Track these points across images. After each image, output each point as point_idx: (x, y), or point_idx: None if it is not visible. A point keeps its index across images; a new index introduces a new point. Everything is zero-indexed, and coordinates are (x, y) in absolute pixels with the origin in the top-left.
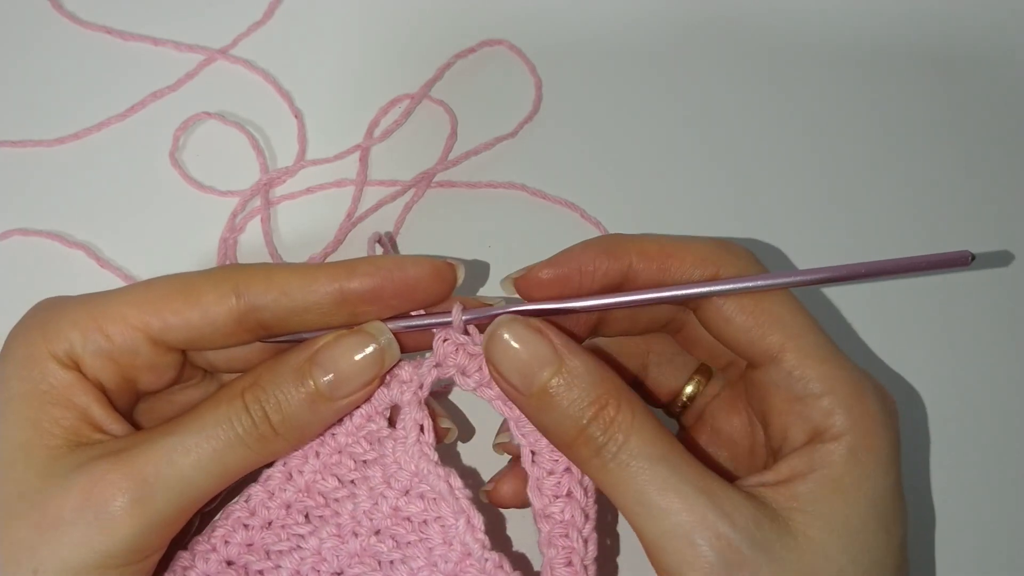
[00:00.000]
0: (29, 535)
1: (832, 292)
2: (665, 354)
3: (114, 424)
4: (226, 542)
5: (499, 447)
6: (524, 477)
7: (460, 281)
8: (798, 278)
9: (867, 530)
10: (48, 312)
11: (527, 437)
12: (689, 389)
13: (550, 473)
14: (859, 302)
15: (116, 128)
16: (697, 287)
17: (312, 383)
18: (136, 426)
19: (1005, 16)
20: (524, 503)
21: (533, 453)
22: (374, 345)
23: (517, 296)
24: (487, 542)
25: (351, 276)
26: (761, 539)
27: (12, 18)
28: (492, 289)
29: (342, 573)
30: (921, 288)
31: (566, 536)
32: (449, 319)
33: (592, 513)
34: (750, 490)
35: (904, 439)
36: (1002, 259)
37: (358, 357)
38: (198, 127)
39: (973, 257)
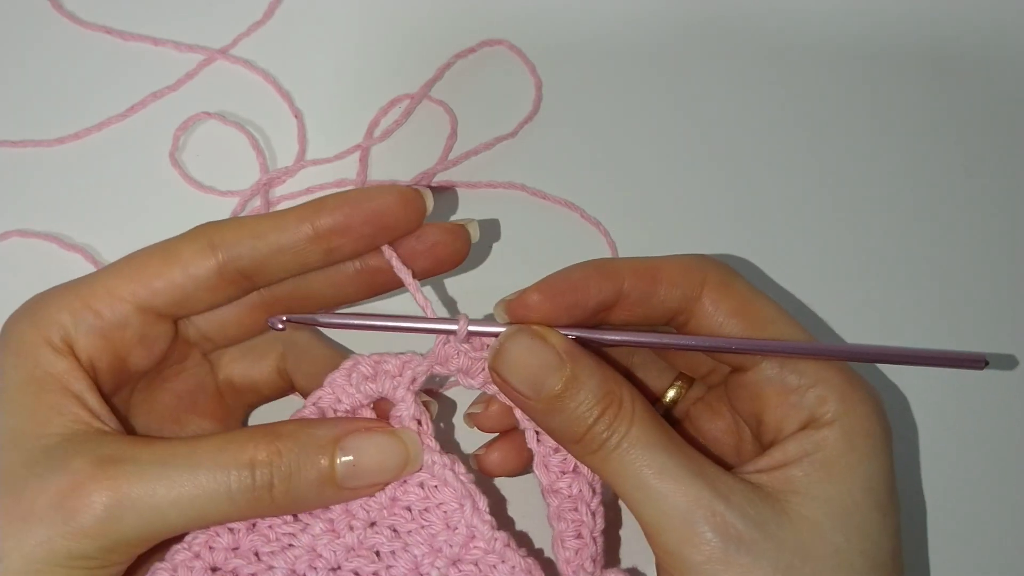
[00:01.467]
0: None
1: (816, 303)
2: (649, 356)
3: (107, 415)
4: (210, 548)
5: (468, 418)
6: (514, 447)
7: (430, 208)
8: (812, 349)
9: (862, 511)
10: (37, 302)
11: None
12: (671, 394)
13: (556, 450)
14: (842, 306)
15: (116, 128)
16: (690, 339)
17: (329, 465)
18: (130, 420)
19: (1005, 16)
20: (510, 472)
21: (538, 432)
22: (404, 453)
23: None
24: (494, 522)
25: (319, 212)
26: (757, 518)
27: (12, 18)
28: (500, 288)
29: (339, 568)
30: (902, 288)
31: (575, 510)
32: (455, 328)
33: (599, 487)
34: (745, 476)
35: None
36: (998, 246)
37: (384, 458)
38: (198, 127)
39: (987, 363)
